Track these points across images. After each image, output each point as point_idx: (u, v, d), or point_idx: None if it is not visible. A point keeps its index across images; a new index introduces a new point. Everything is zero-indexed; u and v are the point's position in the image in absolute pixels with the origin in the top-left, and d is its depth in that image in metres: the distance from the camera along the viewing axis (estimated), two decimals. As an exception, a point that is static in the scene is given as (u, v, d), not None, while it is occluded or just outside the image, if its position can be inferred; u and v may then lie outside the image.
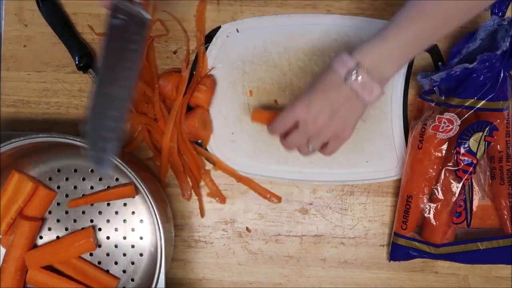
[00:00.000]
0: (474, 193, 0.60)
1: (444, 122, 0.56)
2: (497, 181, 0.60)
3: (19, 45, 0.64)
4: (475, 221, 0.60)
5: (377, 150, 0.63)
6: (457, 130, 0.57)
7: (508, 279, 0.63)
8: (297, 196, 0.64)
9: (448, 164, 0.58)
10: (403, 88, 0.63)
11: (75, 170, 0.61)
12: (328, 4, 0.64)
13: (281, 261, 0.64)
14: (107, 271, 0.61)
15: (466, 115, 0.57)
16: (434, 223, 0.59)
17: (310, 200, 0.64)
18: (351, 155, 0.63)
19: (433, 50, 0.63)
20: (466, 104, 0.56)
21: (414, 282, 0.64)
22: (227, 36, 0.64)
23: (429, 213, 0.59)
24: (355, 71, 0.47)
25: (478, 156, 0.57)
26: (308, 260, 0.63)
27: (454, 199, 0.58)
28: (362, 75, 0.47)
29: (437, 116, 0.57)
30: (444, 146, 0.58)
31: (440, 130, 0.57)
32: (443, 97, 0.59)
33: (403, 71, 0.63)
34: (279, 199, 0.63)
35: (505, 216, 0.60)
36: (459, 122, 0.56)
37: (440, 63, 0.62)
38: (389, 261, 0.62)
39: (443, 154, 0.58)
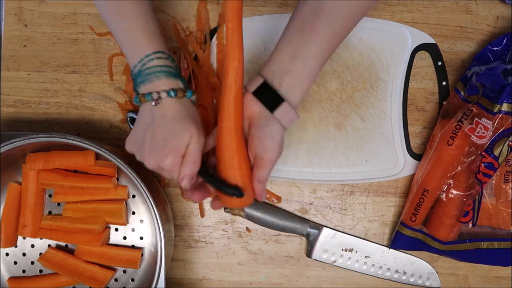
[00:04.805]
0: (483, 193, 0.60)
1: (480, 128, 0.56)
2: (510, 186, 0.60)
3: (19, 45, 0.64)
4: (481, 220, 0.60)
5: (377, 149, 0.63)
6: (490, 136, 0.56)
7: (508, 279, 0.63)
8: (297, 196, 0.64)
9: (471, 166, 0.58)
10: (402, 88, 0.63)
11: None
12: (328, 4, 0.64)
13: (281, 261, 0.64)
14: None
15: (503, 123, 0.56)
16: (443, 219, 0.59)
17: (310, 200, 0.64)
18: (351, 154, 0.63)
19: (432, 50, 0.63)
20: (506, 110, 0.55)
21: (414, 282, 0.64)
22: (227, 36, 0.64)
23: (440, 208, 0.59)
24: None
25: (499, 161, 0.57)
26: (308, 260, 0.63)
27: (467, 199, 0.58)
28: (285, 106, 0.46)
29: (476, 119, 0.57)
30: (473, 149, 0.58)
31: (476, 134, 0.56)
32: (484, 97, 0.57)
33: (403, 70, 0.63)
34: (279, 199, 0.63)
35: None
36: (492, 129, 0.56)
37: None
38: (389, 249, 0.62)
39: (471, 156, 0.58)
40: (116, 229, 0.61)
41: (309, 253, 0.62)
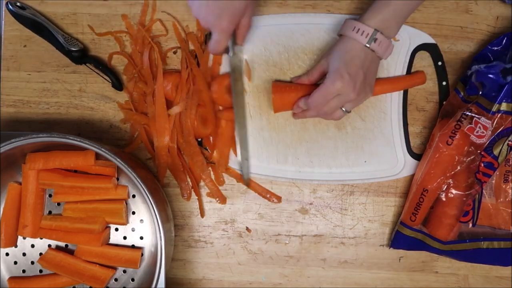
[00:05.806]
0: (483, 193, 0.60)
1: (480, 127, 0.56)
2: (510, 185, 0.60)
3: (19, 45, 0.64)
4: (481, 220, 0.60)
5: (377, 149, 0.63)
6: (489, 136, 0.56)
7: (508, 279, 0.63)
8: (297, 196, 0.64)
9: (471, 165, 0.58)
10: (403, 88, 0.64)
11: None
12: (328, 4, 0.64)
13: (281, 261, 0.64)
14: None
15: (502, 122, 0.56)
16: (443, 219, 0.59)
17: (310, 200, 0.64)
18: (351, 154, 0.63)
19: (432, 50, 0.63)
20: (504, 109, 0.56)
21: (414, 282, 0.64)
22: (227, 36, 0.64)
23: (440, 208, 0.59)
24: (374, 36, 0.54)
25: (499, 160, 0.57)
26: (308, 260, 0.63)
27: (467, 198, 0.58)
28: (379, 37, 0.54)
29: (475, 119, 0.57)
30: (473, 148, 0.58)
31: (475, 133, 0.57)
32: (483, 97, 0.57)
33: (403, 71, 0.63)
34: (279, 199, 0.63)
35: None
36: (491, 128, 0.56)
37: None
38: (389, 248, 0.63)
39: (470, 156, 0.58)
40: (116, 229, 0.61)
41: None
